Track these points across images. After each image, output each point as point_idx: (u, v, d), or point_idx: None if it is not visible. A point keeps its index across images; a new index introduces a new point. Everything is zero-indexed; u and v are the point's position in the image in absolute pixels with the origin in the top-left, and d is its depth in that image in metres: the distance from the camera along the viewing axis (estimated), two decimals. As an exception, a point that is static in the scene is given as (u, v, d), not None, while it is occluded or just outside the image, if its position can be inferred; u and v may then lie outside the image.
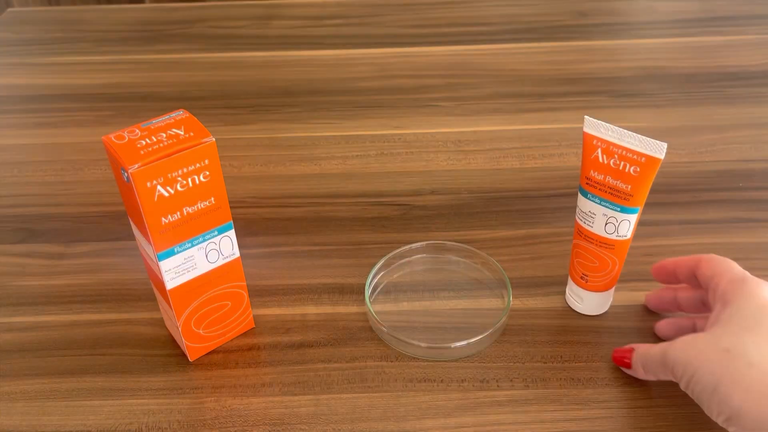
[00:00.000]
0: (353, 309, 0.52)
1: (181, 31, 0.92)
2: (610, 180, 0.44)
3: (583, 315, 0.51)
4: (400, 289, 0.54)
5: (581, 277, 0.49)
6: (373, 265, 0.54)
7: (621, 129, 0.44)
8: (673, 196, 0.62)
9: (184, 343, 0.47)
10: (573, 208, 0.61)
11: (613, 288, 0.50)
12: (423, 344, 0.48)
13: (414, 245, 0.56)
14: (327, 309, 0.52)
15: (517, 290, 0.53)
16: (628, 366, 0.45)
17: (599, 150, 0.44)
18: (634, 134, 0.43)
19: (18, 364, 0.49)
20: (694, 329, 0.46)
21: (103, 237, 0.59)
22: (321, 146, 0.70)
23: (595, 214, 0.46)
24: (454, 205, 0.62)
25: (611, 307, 0.52)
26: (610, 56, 0.83)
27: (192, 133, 0.40)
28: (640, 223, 0.59)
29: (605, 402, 0.45)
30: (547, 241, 0.58)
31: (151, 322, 0.52)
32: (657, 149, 0.42)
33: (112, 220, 0.61)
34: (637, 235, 0.58)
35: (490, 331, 0.48)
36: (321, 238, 0.59)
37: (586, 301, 0.50)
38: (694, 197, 0.62)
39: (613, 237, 0.46)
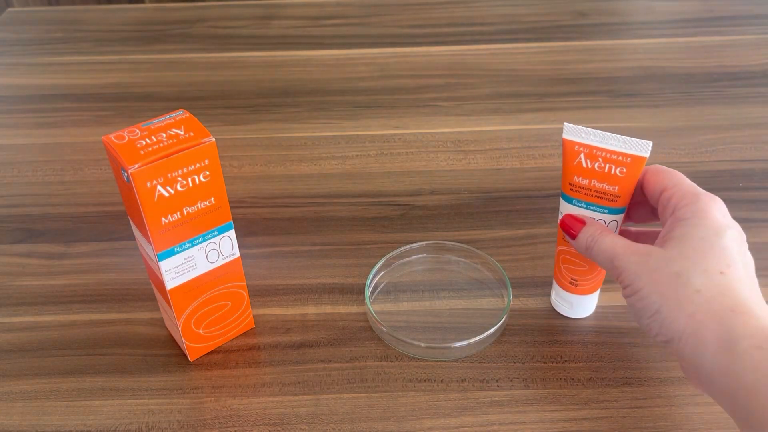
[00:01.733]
0: (353, 309, 0.52)
1: (181, 31, 0.92)
2: (596, 183, 0.44)
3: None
4: (400, 289, 0.54)
5: (570, 282, 0.49)
6: (373, 265, 0.54)
7: (602, 132, 0.43)
8: (672, 196, 0.62)
9: (184, 343, 0.47)
10: (573, 208, 0.61)
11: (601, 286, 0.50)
12: (423, 344, 0.48)
13: (414, 245, 0.56)
14: (327, 309, 0.52)
15: (517, 290, 0.53)
16: (573, 237, 0.44)
17: (582, 155, 0.43)
18: (617, 136, 0.43)
19: (18, 364, 0.49)
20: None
21: (103, 237, 0.59)
22: (321, 146, 0.70)
23: None
24: (454, 205, 0.62)
25: (611, 307, 0.52)
26: (609, 56, 0.83)
27: (192, 133, 0.40)
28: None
29: (605, 402, 0.45)
30: (547, 241, 0.58)
31: (151, 322, 0.52)
32: (642, 148, 0.42)
33: (112, 220, 0.61)
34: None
35: (490, 331, 0.48)
36: (321, 238, 0.59)
37: (577, 306, 0.50)
38: (694, 197, 0.62)
39: None
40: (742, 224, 0.41)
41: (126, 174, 0.39)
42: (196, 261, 0.44)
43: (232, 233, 0.45)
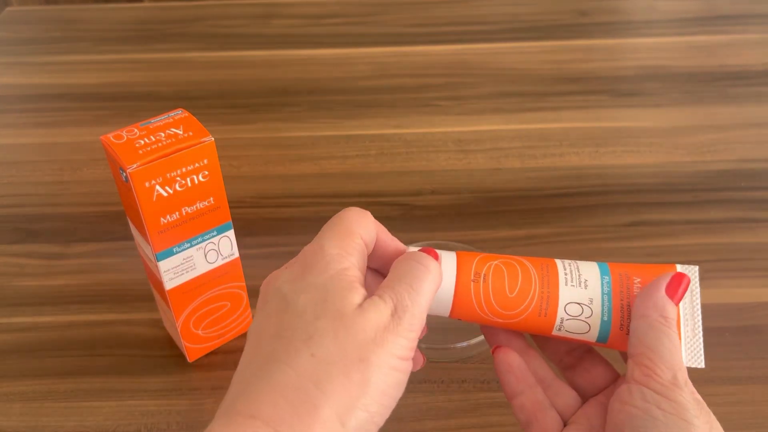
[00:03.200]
0: (353, 309, 0.52)
1: (180, 30, 0.92)
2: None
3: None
4: (400, 289, 0.53)
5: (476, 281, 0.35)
6: (373, 265, 0.54)
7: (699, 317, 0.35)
8: (674, 196, 0.62)
9: (183, 344, 0.47)
10: (573, 208, 0.61)
11: None
12: (423, 344, 0.47)
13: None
14: (327, 309, 0.52)
15: (518, 290, 0.53)
16: (672, 297, 0.34)
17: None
18: (699, 331, 0.35)
19: (16, 364, 0.49)
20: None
21: (102, 237, 0.59)
22: (321, 146, 0.70)
23: None
24: (455, 205, 0.62)
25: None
26: (611, 55, 0.83)
27: (191, 133, 0.40)
28: (641, 223, 0.59)
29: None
30: (547, 241, 0.58)
31: (150, 322, 0.51)
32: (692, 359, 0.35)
33: (111, 220, 0.61)
34: (637, 235, 0.58)
35: (491, 331, 0.48)
36: (321, 238, 0.58)
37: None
38: (696, 197, 0.61)
39: None
40: (743, 224, 0.40)
41: (125, 174, 0.38)
42: (195, 261, 0.44)
43: (231, 233, 0.45)
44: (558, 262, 0.36)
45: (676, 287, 0.34)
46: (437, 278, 0.33)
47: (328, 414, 0.27)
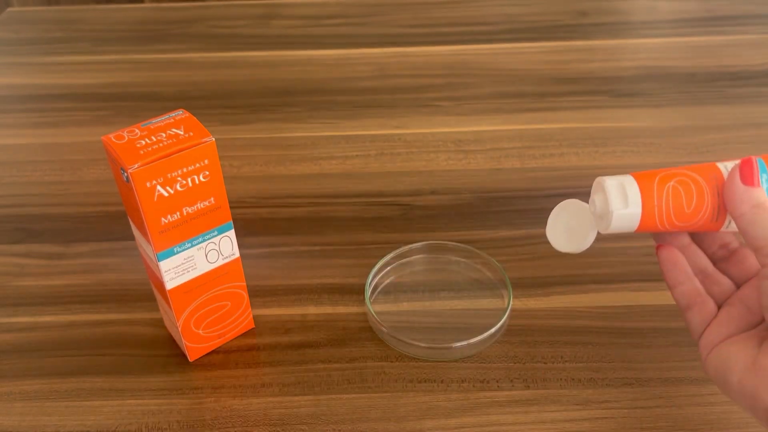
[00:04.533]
0: (353, 309, 0.52)
1: (181, 30, 0.92)
2: None
3: (582, 315, 0.51)
4: (400, 289, 0.54)
5: (659, 199, 0.38)
6: (373, 265, 0.54)
7: None
8: (673, 196, 0.62)
9: (184, 344, 0.47)
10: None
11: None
12: (423, 344, 0.48)
13: (414, 245, 0.56)
14: (327, 309, 0.52)
15: (517, 290, 0.53)
16: (752, 183, 0.37)
17: None
18: None
19: (17, 364, 0.49)
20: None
21: (103, 237, 0.59)
22: (321, 146, 0.70)
23: None
24: (455, 205, 0.62)
25: (612, 307, 0.52)
26: (610, 56, 0.83)
27: (191, 133, 0.40)
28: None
29: (605, 402, 0.45)
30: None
31: (151, 322, 0.52)
32: None
33: (112, 220, 0.61)
34: (637, 235, 0.58)
35: (491, 331, 0.48)
36: (321, 238, 0.58)
37: (623, 212, 0.39)
38: (695, 197, 0.61)
39: None
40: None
41: (125, 174, 0.38)
42: (195, 261, 0.44)
43: (231, 233, 0.45)
44: (721, 166, 0.39)
45: (749, 173, 0.37)
46: None
47: None
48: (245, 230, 0.59)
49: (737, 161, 0.38)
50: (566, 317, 0.51)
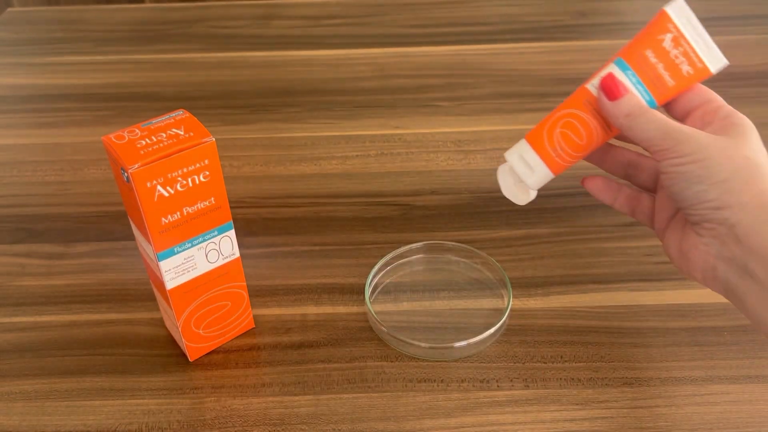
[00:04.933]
0: (353, 309, 0.52)
1: (181, 31, 0.92)
2: (661, 68, 0.41)
3: (582, 315, 0.51)
4: (400, 289, 0.54)
5: (553, 150, 0.43)
6: (373, 265, 0.54)
7: (702, 28, 0.40)
8: (673, 196, 0.62)
9: (184, 343, 0.47)
10: (573, 208, 0.61)
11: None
12: (423, 344, 0.48)
13: (414, 245, 0.56)
14: (327, 309, 0.52)
15: (517, 290, 0.53)
16: (617, 96, 0.40)
17: (669, 36, 0.40)
18: (708, 38, 0.40)
19: (18, 364, 0.49)
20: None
21: (103, 237, 0.59)
22: (321, 146, 0.70)
23: None
24: (454, 205, 0.62)
25: (612, 307, 0.52)
26: (609, 56, 0.82)
27: (192, 133, 0.40)
28: (640, 223, 0.59)
29: (605, 402, 0.45)
30: (547, 241, 0.58)
31: (151, 322, 0.52)
32: (715, 61, 0.40)
33: (112, 220, 0.61)
34: (637, 235, 0.58)
35: (490, 331, 0.48)
36: (321, 238, 0.59)
37: (536, 176, 0.44)
38: (695, 197, 0.61)
39: None
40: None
41: (126, 174, 0.39)
42: (196, 261, 0.44)
43: (232, 233, 0.45)
44: (590, 87, 0.42)
45: (610, 89, 0.40)
46: None
47: None
48: (245, 230, 0.59)
49: (602, 75, 0.41)
50: (566, 317, 0.51)
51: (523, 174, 0.44)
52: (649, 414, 0.44)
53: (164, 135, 0.40)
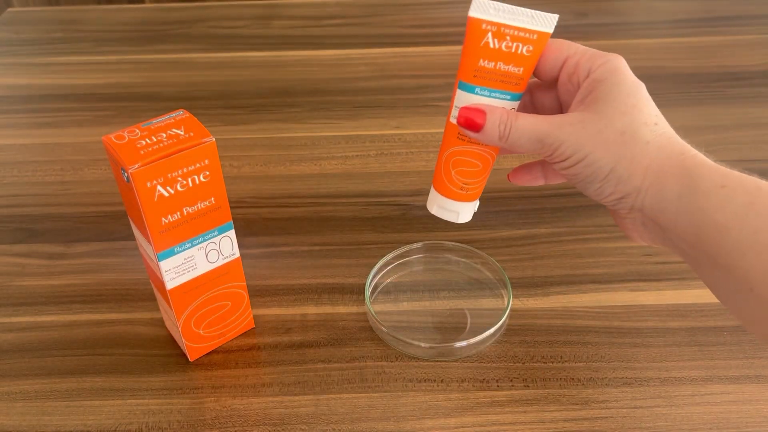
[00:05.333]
0: (353, 309, 0.52)
1: (181, 31, 0.92)
2: (501, 66, 0.39)
3: (582, 315, 0.51)
4: (400, 289, 0.54)
5: (461, 189, 0.43)
6: (373, 265, 0.54)
7: (511, 6, 0.38)
8: (673, 196, 0.62)
9: (184, 343, 0.47)
10: (572, 208, 0.61)
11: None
12: (423, 344, 0.48)
13: (414, 245, 0.56)
14: (327, 309, 0.52)
15: (517, 290, 0.53)
16: (478, 129, 0.39)
17: (490, 35, 0.39)
18: (524, 10, 0.38)
19: (18, 364, 0.49)
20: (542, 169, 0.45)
21: (103, 237, 0.59)
22: (321, 146, 0.70)
23: None
24: (454, 205, 0.62)
25: (612, 307, 0.52)
26: (610, 56, 0.83)
27: (192, 133, 0.40)
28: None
29: (605, 402, 0.45)
30: (547, 241, 0.58)
31: (151, 322, 0.52)
32: (547, 23, 0.38)
33: (112, 220, 0.61)
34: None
35: (490, 331, 0.48)
36: (321, 238, 0.59)
37: (464, 213, 0.45)
38: (694, 197, 0.62)
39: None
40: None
41: (126, 174, 0.39)
42: (196, 261, 0.44)
43: (232, 233, 0.45)
44: (452, 120, 0.42)
45: (470, 122, 0.39)
46: None
47: None
48: (245, 230, 0.59)
49: (457, 106, 0.41)
50: (566, 317, 0.51)
51: (450, 217, 0.45)
52: (649, 414, 0.44)
53: (164, 135, 0.40)
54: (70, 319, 0.52)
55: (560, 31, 0.38)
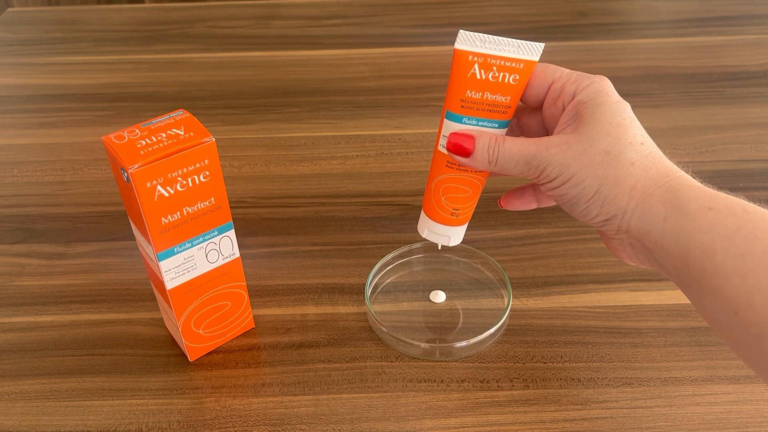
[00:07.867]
0: (353, 309, 0.52)
1: (181, 31, 0.92)
2: (488, 96, 0.40)
3: (582, 315, 0.51)
4: (400, 289, 0.54)
5: (451, 214, 0.44)
6: (373, 265, 0.54)
7: (496, 37, 0.39)
8: (673, 196, 0.62)
9: (184, 343, 0.47)
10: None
11: None
12: (423, 344, 0.48)
13: (414, 245, 0.56)
14: (327, 309, 0.52)
15: (517, 290, 0.53)
16: (468, 154, 0.40)
17: (476, 66, 0.39)
18: (510, 40, 0.39)
19: (18, 364, 0.49)
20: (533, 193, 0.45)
21: (103, 237, 0.59)
22: (321, 146, 0.70)
23: None
24: (454, 205, 0.62)
25: (612, 307, 0.52)
26: (609, 56, 0.83)
27: (192, 133, 0.40)
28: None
29: (605, 402, 0.45)
30: (547, 241, 0.58)
31: (151, 322, 0.52)
32: (533, 52, 0.39)
33: (112, 220, 0.61)
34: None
35: (490, 331, 0.48)
36: (321, 238, 0.59)
37: (455, 237, 0.46)
38: (694, 197, 0.61)
39: None
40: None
41: (126, 174, 0.39)
42: (196, 261, 0.44)
43: (232, 233, 0.45)
44: (441, 149, 0.42)
45: (459, 148, 0.40)
46: None
47: None
48: (245, 230, 0.59)
49: (445, 135, 0.41)
50: (566, 317, 0.51)
51: (441, 241, 0.46)
52: (649, 414, 0.44)
53: (164, 135, 0.40)
54: (70, 319, 0.52)
55: (560, 31, 0.38)
